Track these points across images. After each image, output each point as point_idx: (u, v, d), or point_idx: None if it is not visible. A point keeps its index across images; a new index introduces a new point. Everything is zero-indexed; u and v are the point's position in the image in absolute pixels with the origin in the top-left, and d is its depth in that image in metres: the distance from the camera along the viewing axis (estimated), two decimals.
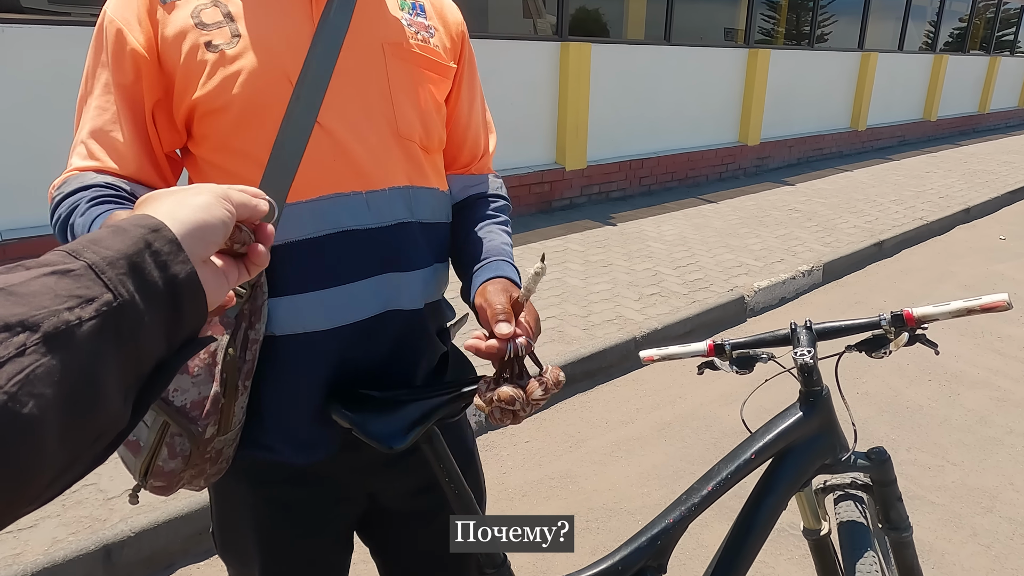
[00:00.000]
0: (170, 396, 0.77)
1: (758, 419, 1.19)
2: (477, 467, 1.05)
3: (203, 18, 0.78)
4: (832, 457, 1.10)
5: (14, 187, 3.25)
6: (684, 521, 1.03)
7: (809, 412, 1.07)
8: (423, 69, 0.88)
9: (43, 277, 0.36)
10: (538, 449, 2.55)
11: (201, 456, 0.79)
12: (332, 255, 0.81)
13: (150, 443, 0.77)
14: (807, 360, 1.03)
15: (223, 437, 0.80)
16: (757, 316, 3.85)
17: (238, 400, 0.80)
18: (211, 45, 0.77)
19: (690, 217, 5.49)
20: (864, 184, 6.98)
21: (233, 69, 0.76)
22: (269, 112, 0.77)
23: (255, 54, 0.77)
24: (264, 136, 0.77)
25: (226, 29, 0.77)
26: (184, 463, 0.79)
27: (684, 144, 6.65)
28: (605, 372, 3.10)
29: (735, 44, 7.05)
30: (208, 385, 0.77)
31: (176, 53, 0.77)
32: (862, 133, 9.06)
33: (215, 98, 0.77)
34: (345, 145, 0.80)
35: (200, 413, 0.77)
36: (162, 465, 0.78)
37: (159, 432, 0.77)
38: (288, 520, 0.91)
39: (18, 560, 1.76)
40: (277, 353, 0.82)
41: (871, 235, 5.01)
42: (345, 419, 0.82)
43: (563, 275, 4.04)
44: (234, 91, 0.76)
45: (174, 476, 0.79)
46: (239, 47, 0.77)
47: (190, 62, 0.77)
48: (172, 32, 0.77)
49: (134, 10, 0.78)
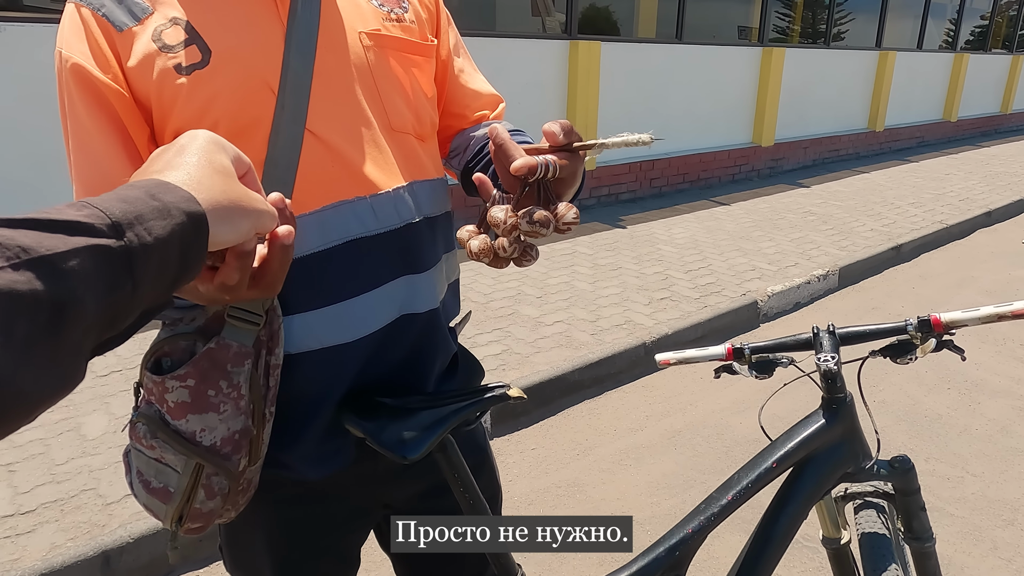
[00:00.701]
0: (197, 437, 0.74)
1: (771, 425, 1.18)
2: (491, 466, 1.04)
3: (165, 39, 0.73)
4: (855, 465, 1.09)
5: (17, 186, 3.28)
6: (703, 531, 1.02)
7: (832, 419, 1.06)
8: (405, 53, 0.85)
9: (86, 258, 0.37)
10: (545, 456, 2.55)
11: (235, 490, 0.79)
12: (342, 266, 0.79)
13: (183, 488, 0.76)
14: (831, 366, 1.03)
15: (253, 467, 0.80)
16: (771, 321, 3.83)
17: (266, 428, 0.79)
18: (181, 68, 0.72)
19: (702, 220, 5.47)
20: (882, 186, 6.94)
21: (211, 88, 0.72)
22: (257, 127, 0.74)
23: (231, 68, 0.73)
24: (254, 153, 0.73)
25: (194, 47, 0.73)
26: (223, 501, 0.78)
27: (696, 145, 6.64)
28: (614, 378, 3.09)
29: (749, 43, 7.04)
30: (236, 419, 0.75)
31: (146, 83, 0.73)
32: (880, 134, 9.01)
33: (197, 122, 0.73)
34: (340, 150, 0.77)
35: (231, 449, 0.76)
36: (200, 507, 0.77)
37: (193, 475, 0.75)
38: (301, 538, 0.90)
39: (16, 565, 1.77)
40: (290, 371, 0.80)
41: (889, 239, 4.97)
42: (358, 428, 0.81)
43: (571, 279, 4.03)
44: (216, 111, 0.73)
45: (212, 515, 0.78)
46: (212, 64, 0.73)
47: (163, 89, 0.72)
48: (136, 61, 0.72)
49: (88, 42, 0.73)
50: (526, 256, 0.71)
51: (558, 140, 0.70)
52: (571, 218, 0.69)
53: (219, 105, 0.73)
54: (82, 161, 0.74)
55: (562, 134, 0.70)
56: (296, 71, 0.75)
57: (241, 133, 0.73)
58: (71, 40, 0.73)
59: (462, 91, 0.96)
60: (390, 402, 0.83)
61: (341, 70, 0.79)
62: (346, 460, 0.86)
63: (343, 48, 0.79)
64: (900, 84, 9.10)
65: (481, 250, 0.70)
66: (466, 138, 0.95)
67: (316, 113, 0.76)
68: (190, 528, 0.79)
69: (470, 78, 0.97)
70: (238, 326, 0.74)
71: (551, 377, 2.87)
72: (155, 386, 0.75)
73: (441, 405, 0.83)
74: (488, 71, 1.04)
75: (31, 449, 2.25)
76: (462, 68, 0.96)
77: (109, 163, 0.73)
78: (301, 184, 0.75)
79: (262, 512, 0.87)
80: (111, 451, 2.25)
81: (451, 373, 0.96)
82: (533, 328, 3.33)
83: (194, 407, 0.74)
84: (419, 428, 0.81)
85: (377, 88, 0.81)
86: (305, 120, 0.75)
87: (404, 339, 0.86)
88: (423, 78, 0.88)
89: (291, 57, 0.75)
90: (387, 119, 0.82)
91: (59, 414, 2.46)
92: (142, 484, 0.78)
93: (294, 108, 0.74)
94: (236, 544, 0.94)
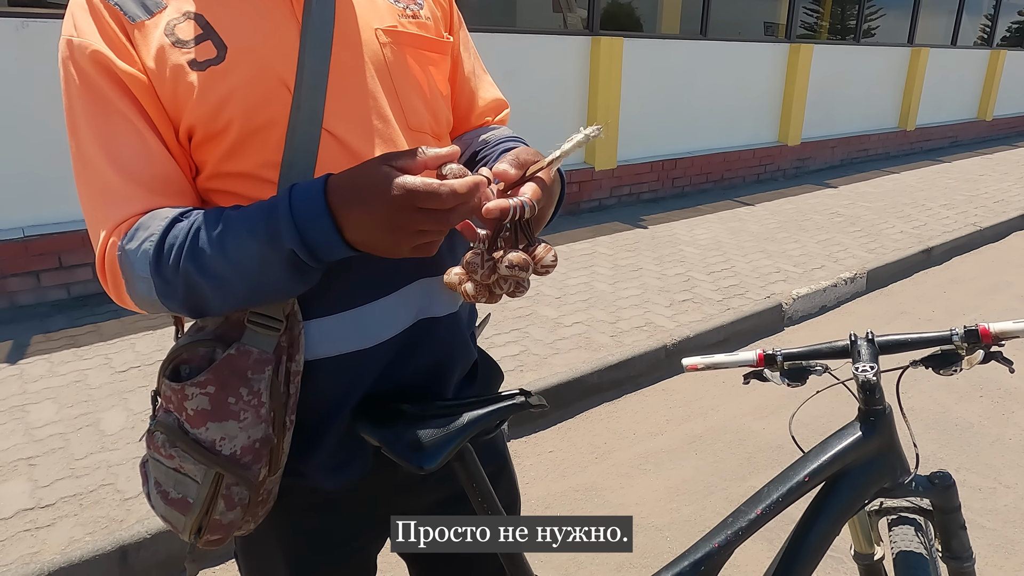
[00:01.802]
0: (217, 446, 0.74)
1: (796, 432, 1.17)
2: (510, 472, 1.03)
3: (179, 34, 0.71)
4: (892, 481, 1.06)
5: (37, 183, 3.35)
6: (730, 546, 1.00)
7: (870, 432, 1.03)
8: (422, 50, 0.84)
9: None
10: (562, 460, 2.54)
11: (255, 500, 0.78)
12: (359, 270, 0.77)
13: (202, 499, 0.75)
14: (870, 376, 1.01)
15: (273, 477, 0.79)
16: (795, 325, 3.79)
17: (286, 437, 0.78)
18: (196, 63, 0.71)
19: (725, 220, 5.43)
20: (912, 187, 6.83)
21: (227, 85, 0.71)
22: (272, 127, 0.73)
23: (247, 65, 0.72)
24: (269, 154, 0.73)
25: (209, 43, 0.71)
26: (243, 512, 0.77)
27: (720, 144, 6.58)
28: (633, 381, 3.08)
29: (776, 39, 6.96)
30: (256, 428, 0.74)
31: (160, 79, 0.71)
32: (911, 133, 8.87)
33: (212, 121, 0.71)
34: (357, 151, 0.76)
35: (252, 458, 0.75)
36: (219, 518, 0.76)
37: (213, 485, 0.74)
38: (318, 547, 0.89)
39: (36, 559, 1.81)
40: (308, 377, 0.79)
41: (919, 241, 4.89)
42: (374, 436, 0.80)
43: (591, 279, 4.02)
44: (231, 109, 0.71)
45: (232, 527, 0.78)
46: (228, 60, 0.71)
47: (177, 86, 0.71)
48: (150, 55, 0.71)
49: (104, 31, 0.71)
50: (520, 288, 0.71)
51: (510, 177, 0.70)
52: (549, 261, 0.70)
53: (234, 103, 0.71)
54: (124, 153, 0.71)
55: (513, 168, 0.70)
56: (312, 69, 0.73)
57: (256, 133, 0.72)
58: (85, 28, 0.71)
59: (468, 94, 0.95)
60: (407, 409, 0.82)
61: (358, 68, 0.77)
62: (363, 469, 0.85)
63: (359, 45, 0.78)
64: (933, 82, 8.95)
65: (478, 292, 0.71)
66: (463, 142, 0.94)
67: (333, 112, 0.74)
68: (209, 540, 0.78)
69: (479, 81, 0.96)
70: (258, 332, 0.74)
71: (569, 379, 2.86)
72: (174, 394, 0.74)
73: (460, 413, 0.81)
74: (508, 68, 1.04)
75: (51, 443, 2.30)
76: (472, 70, 0.96)
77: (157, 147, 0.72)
78: None
79: (278, 520, 0.86)
80: (129, 447, 2.29)
81: (471, 379, 0.95)
82: (551, 329, 3.32)
83: (214, 415, 0.73)
84: (436, 437, 0.79)
85: (394, 86, 0.80)
86: (322, 120, 0.73)
87: (423, 344, 0.85)
88: (439, 76, 0.87)
89: (307, 54, 0.73)
90: (404, 118, 0.80)
91: (78, 409, 2.51)
92: (160, 495, 0.78)
93: (310, 107, 0.73)
94: (251, 553, 0.93)
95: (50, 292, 3.45)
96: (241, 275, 0.68)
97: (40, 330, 3.16)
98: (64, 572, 1.79)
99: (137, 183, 0.71)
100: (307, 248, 0.66)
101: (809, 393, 1.18)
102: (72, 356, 2.91)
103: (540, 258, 0.69)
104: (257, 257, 0.67)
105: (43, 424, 2.41)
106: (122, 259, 0.70)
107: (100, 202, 0.72)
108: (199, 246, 0.67)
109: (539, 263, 0.69)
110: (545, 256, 0.69)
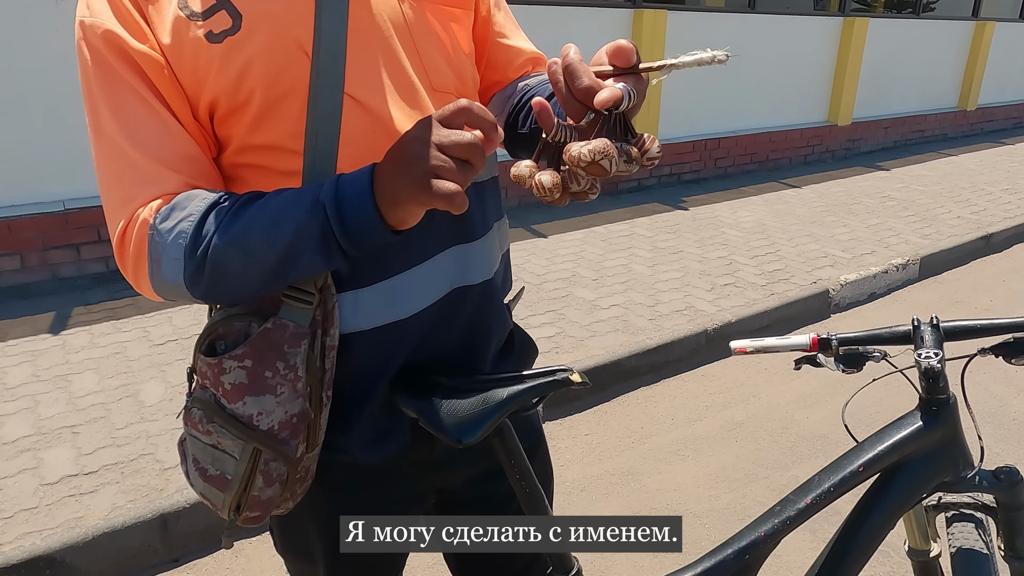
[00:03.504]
0: (254, 421, 0.74)
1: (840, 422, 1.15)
2: (545, 450, 1.03)
3: (192, 6, 0.70)
4: (953, 475, 1.03)
5: (77, 156, 3.44)
6: (777, 535, 0.99)
7: (931, 422, 1.00)
8: (443, 6, 0.81)
9: None
10: (598, 443, 2.55)
11: (293, 478, 0.79)
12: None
13: (240, 475, 0.75)
14: (934, 364, 0.97)
15: (311, 455, 0.79)
16: (843, 312, 3.71)
17: (323, 413, 0.78)
18: (213, 35, 0.69)
19: (770, 203, 5.32)
20: (971, 171, 6.59)
21: (245, 55, 0.70)
22: (293, 95, 0.71)
23: (263, 31, 0.70)
24: (291, 124, 0.72)
25: (223, 12, 0.70)
26: (282, 488, 0.78)
27: (766, 123, 6.43)
28: (672, 366, 3.06)
29: (828, 12, 6.75)
30: (293, 402, 0.75)
31: (177, 56, 0.70)
32: (971, 113, 8.54)
33: (235, 93, 0.71)
34: (381, 114, 0.74)
35: (289, 433, 0.75)
36: (258, 495, 0.77)
37: (251, 461, 0.75)
38: None
39: (80, 523, 1.89)
40: (345, 351, 0.79)
41: (977, 227, 4.73)
42: (412, 408, 0.80)
43: (629, 261, 3.99)
44: (252, 79, 0.70)
45: (271, 504, 0.78)
46: (244, 28, 0.70)
47: (195, 61, 0.70)
48: (165, 31, 0.70)
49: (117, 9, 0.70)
50: (592, 190, 0.67)
51: (631, 61, 0.67)
52: (656, 152, 0.65)
53: (254, 72, 0.70)
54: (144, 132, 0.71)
55: (634, 55, 0.67)
56: (329, 33, 0.71)
57: (277, 103, 0.71)
58: (97, 7, 0.70)
59: (503, 51, 0.93)
60: (446, 382, 0.82)
61: (377, 28, 0.75)
62: (401, 443, 0.85)
63: (377, 3, 0.76)
64: (997, 59, 8.57)
65: (554, 184, 0.65)
66: (503, 96, 0.92)
67: (354, 76, 0.73)
68: (248, 517, 0.79)
69: (512, 35, 0.94)
70: (294, 305, 0.74)
71: (606, 362, 2.85)
72: (210, 368, 0.75)
73: (499, 387, 0.81)
74: (546, 42, 1.02)
75: (93, 413, 2.38)
76: (503, 26, 0.93)
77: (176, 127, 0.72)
78: (345, 153, 0.73)
79: (315, 495, 0.87)
80: (167, 419, 2.36)
81: (507, 352, 0.95)
82: (588, 311, 3.31)
83: (251, 389, 0.74)
84: (475, 411, 0.78)
85: (416, 46, 0.78)
86: (343, 84, 0.72)
87: (459, 313, 0.84)
88: (462, 33, 0.85)
89: (323, 17, 0.71)
90: (428, 79, 0.79)
91: (118, 380, 2.59)
92: (198, 472, 0.79)
93: (331, 72, 0.71)
94: (287, 527, 0.94)
95: (90, 265, 3.55)
96: (273, 245, 0.67)
97: (81, 302, 3.27)
98: (107, 537, 1.86)
99: (161, 162, 0.71)
100: (342, 223, 0.65)
101: (861, 381, 1.15)
102: (112, 328, 3.01)
103: (647, 148, 0.65)
104: (294, 224, 0.66)
105: (85, 394, 2.50)
106: (153, 239, 0.70)
107: (123, 182, 0.72)
108: (236, 220, 0.68)
109: (645, 154, 0.65)
110: (652, 147, 0.66)
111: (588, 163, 0.62)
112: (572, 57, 0.66)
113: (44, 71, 3.31)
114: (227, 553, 1.99)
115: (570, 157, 0.63)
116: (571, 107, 0.66)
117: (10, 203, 3.39)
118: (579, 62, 0.66)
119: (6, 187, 3.37)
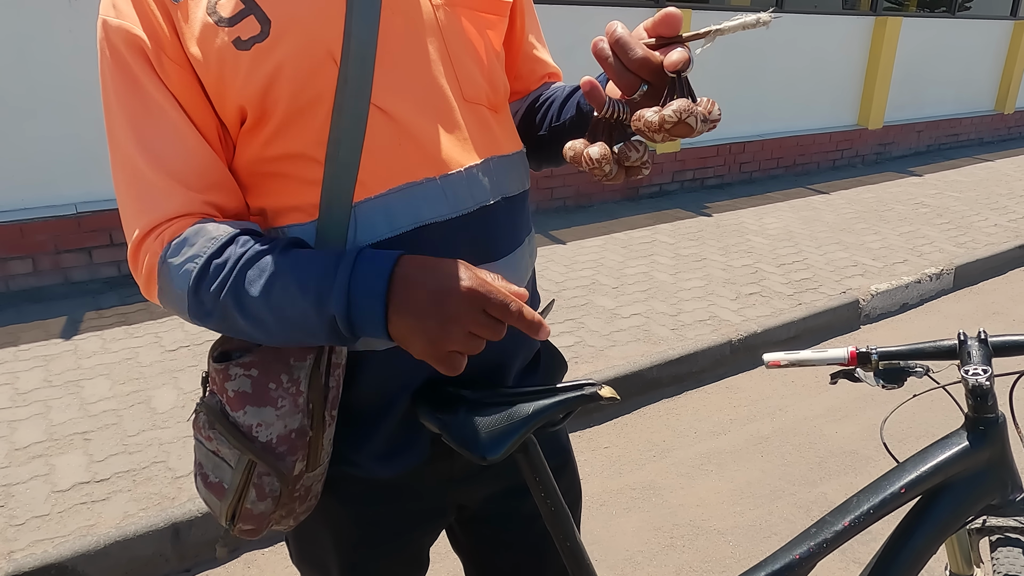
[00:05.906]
0: (253, 431, 0.75)
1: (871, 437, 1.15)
2: (573, 468, 1.03)
3: (220, 11, 0.69)
4: (1000, 497, 1.02)
5: (90, 159, 3.52)
6: (812, 559, 0.98)
7: (978, 442, 0.99)
8: (479, 12, 0.80)
9: None
10: (619, 456, 2.55)
11: (290, 495, 0.79)
12: None
13: (235, 485, 0.76)
14: (982, 381, 0.96)
15: (311, 474, 0.79)
16: (873, 323, 3.69)
17: (326, 432, 0.78)
18: (240, 42, 0.69)
19: (797, 209, 5.30)
20: (1009, 176, 6.53)
21: (273, 62, 0.69)
22: (318, 103, 0.71)
23: (292, 38, 0.70)
24: (316, 132, 0.72)
25: (252, 18, 0.69)
26: (274, 504, 0.78)
27: (793, 127, 6.41)
28: (695, 377, 3.06)
29: (858, 11, 6.73)
30: (293, 417, 0.75)
31: (204, 63, 0.70)
32: (1009, 117, 8.45)
33: (262, 101, 0.71)
34: (408, 126, 0.74)
35: (287, 448, 0.76)
36: (250, 508, 0.77)
37: (245, 472, 0.76)
38: (371, 537, 0.90)
39: (92, 531, 1.92)
40: (362, 369, 0.79)
41: (1016, 236, 4.68)
42: (434, 423, 0.80)
43: (650, 269, 3.99)
44: (279, 88, 0.70)
45: (264, 518, 0.79)
46: (273, 35, 0.69)
47: (222, 69, 0.70)
48: (193, 37, 0.70)
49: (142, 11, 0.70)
50: (646, 164, 0.70)
51: (678, 29, 0.68)
52: (717, 114, 0.67)
53: (282, 81, 0.70)
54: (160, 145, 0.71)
55: (680, 22, 0.69)
56: (359, 39, 0.71)
57: (302, 112, 0.71)
58: (124, 9, 0.70)
59: (530, 63, 0.96)
60: (469, 395, 0.81)
61: (409, 34, 0.74)
62: (419, 456, 0.84)
63: (410, 8, 0.75)
64: None
65: (602, 156, 0.68)
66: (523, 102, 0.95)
67: (382, 85, 0.72)
68: (242, 529, 0.80)
69: (540, 48, 0.97)
70: None
71: (627, 373, 2.86)
72: (217, 374, 0.76)
73: (524, 402, 0.80)
74: (566, 44, 1.05)
75: (105, 419, 2.43)
76: (535, 38, 0.96)
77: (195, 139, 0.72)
78: (367, 165, 0.73)
79: (330, 508, 0.88)
80: (179, 426, 2.40)
81: (533, 368, 0.94)
82: (608, 320, 3.32)
83: (253, 399, 0.75)
84: (500, 426, 0.77)
85: (448, 53, 0.77)
86: (370, 94, 0.72)
87: None
88: (496, 40, 0.84)
89: (354, 22, 0.70)
90: (460, 88, 0.78)
91: (130, 386, 2.64)
92: (201, 477, 0.81)
93: (358, 81, 0.71)
94: (303, 538, 0.95)
95: (102, 269, 3.62)
96: (280, 323, 0.69)
97: (93, 307, 3.33)
98: (119, 545, 1.90)
99: (173, 178, 0.71)
100: (349, 323, 0.67)
101: (897, 396, 1.14)
102: (123, 334, 3.06)
103: (710, 110, 0.67)
104: (299, 312, 0.67)
105: (97, 400, 2.55)
106: (162, 270, 0.71)
107: (134, 194, 0.73)
108: (244, 284, 0.68)
109: (710, 115, 0.67)
110: (713, 109, 0.67)
111: (675, 123, 0.64)
112: (621, 31, 0.68)
113: (57, 72, 3.39)
114: (239, 563, 2.02)
115: (649, 123, 0.65)
116: (624, 80, 0.68)
117: (22, 205, 3.47)
118: (629, 35, 0.68)
119: (18, 189, 3.45)
